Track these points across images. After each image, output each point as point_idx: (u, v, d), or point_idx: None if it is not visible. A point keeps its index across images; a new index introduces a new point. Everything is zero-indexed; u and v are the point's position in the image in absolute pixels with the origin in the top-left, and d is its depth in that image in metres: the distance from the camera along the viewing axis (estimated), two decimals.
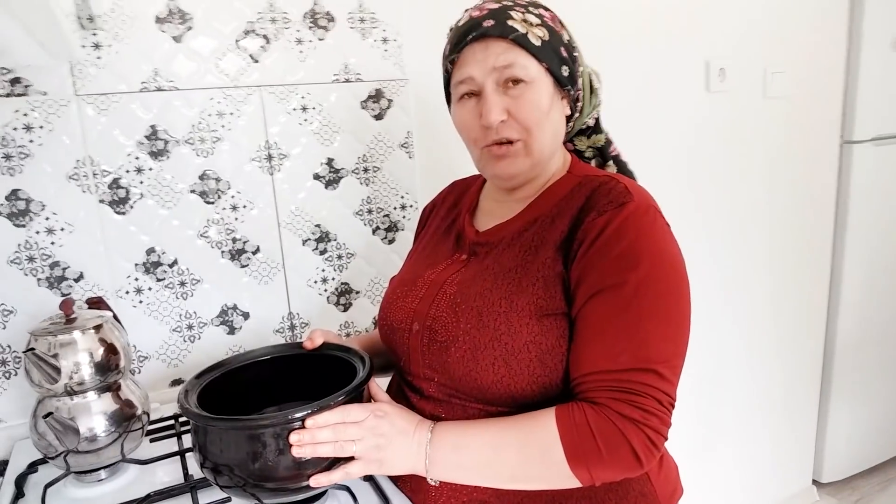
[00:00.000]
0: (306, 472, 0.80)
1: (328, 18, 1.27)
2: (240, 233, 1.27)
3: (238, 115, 1.23)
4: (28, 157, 1.09)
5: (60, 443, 0.91)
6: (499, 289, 0.84)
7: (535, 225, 0.89)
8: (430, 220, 1.13)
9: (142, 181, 1.17)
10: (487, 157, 0.90)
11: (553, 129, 0.90)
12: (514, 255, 0.87)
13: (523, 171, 0.90)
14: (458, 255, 0.96)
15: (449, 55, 0.91)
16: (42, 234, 1.12)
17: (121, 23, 1.12)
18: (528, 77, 0.85)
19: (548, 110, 0.87)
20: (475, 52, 0.86)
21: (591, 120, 0.99)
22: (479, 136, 0.90)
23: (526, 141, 0.87)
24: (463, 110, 0.91)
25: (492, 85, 0.86)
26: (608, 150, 1.02)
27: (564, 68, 0.88)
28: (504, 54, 0.84)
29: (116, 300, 1.19)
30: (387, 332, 0.98)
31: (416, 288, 0.95)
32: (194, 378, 0.89)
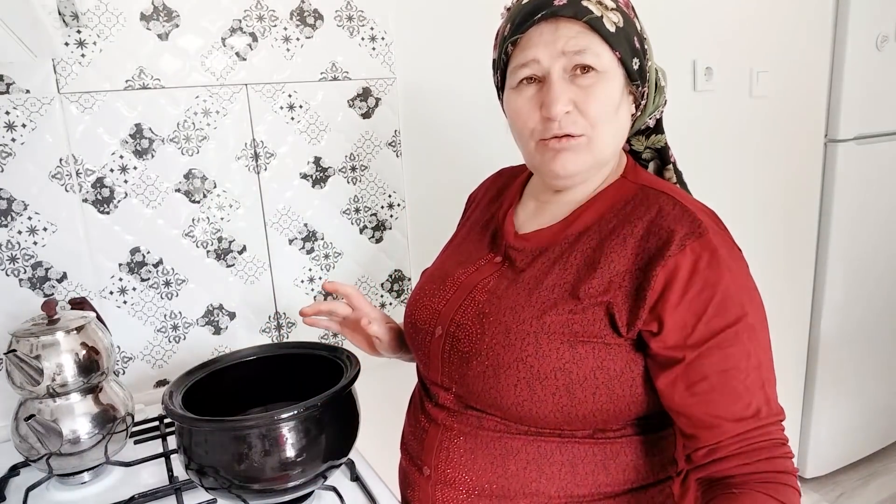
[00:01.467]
0: (291, 473, 0.80)
1: (316, 16, 1.26)
2: (226, 232, 1.26)
3: (224, 114, 1.22)
4: (10, 156, 1.08)
5: (43, 445, 0.90)
6: (532, 306, 0.77)
7: (584, 238, 0.80)
8: (472, 210, 1.06)
9: (126, 180, 1.16)
10: (544, 151, 0.80)
11: (619, 126, 0.81)
12: (556, 271, 0.79)
13: (583, 169, 0.81)
14: (492, 256, 0.89)
15: (511, 35, 0.80)
16: (24, 233, 1.10)
17: (105, 20, 1.11)
18: (601, 66, 0.76)
19: (616, 106, 0.79)
20: (543, 33, 0.77)
21: (652, 120, 0.90)
22: (536, 127, 0.80)
23: (590, 136, 0.78)
24: (520, 98, 0.81)
25: (559, 71, 0.77)
26: (668, 153, 0.92)
27: (636, 60, 0.79)
28: (576, 38, 0.75)
29: (100, 300, 1.17)
30: (410, 330, 0.92)
31: (444, 288, 0.89)
32: (179, 379, 0.89)
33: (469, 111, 1.45)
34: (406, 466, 0.90)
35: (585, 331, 0.74)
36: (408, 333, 0.93)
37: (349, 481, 0.95)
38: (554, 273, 0.79)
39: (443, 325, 0.84)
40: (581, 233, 0.81)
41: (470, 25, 1.42)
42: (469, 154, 1.47)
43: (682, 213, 0.75)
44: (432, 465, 0.84)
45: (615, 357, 0.74)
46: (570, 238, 0.82)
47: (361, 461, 1.00)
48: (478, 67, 1.44)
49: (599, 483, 0.78)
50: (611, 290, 0.74)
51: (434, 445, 0.84)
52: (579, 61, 0.76)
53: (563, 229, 0.83)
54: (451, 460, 0.82)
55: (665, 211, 0.76)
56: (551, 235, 0.83)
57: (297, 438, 0.79)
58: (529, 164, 0.87)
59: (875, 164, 2.21)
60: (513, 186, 0.98)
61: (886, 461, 2.51)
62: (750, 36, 1.89)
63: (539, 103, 0.79)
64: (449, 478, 0.82)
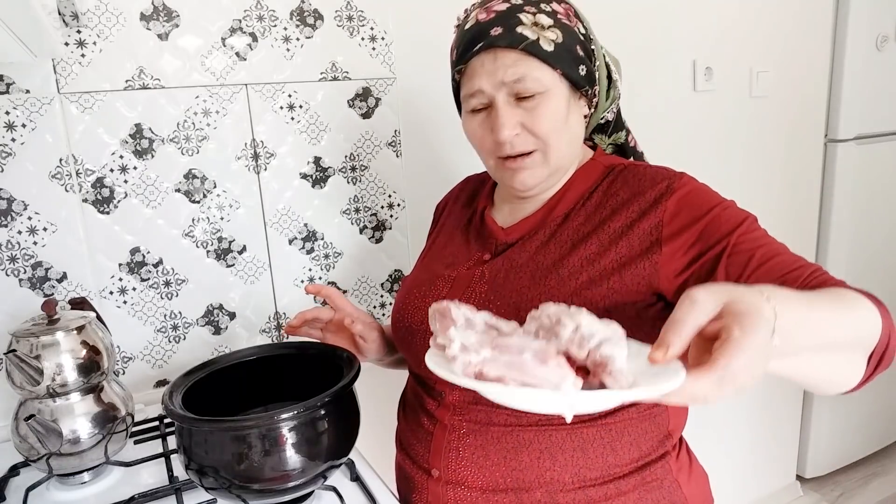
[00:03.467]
0: (291, 473, 0.79)
1: (316, 16, 1.26)
2: (226, 232, 1.26)
3: (224, 114, 1.22)
4: (10, 156, 1.08)
5: (43, 445, 0.90)
6: (537, 285, 0.79)
7: (572, 216, 0.84)
8: (443, 218, 1.07)
9: (126, 180, 1.16)
10: (503, 169, 0.85)
11: (571, 134, 0.85)
12: (553, 251, 0.82)
13: (541, 181, 0.85)
14: (481, 255, 0.90)
15: (456, 63, 0.86)
16: (24, 233, 1.10)
17: (105, 20, 1.11)
18: (542, 87, 0.79)
19: (565, 117, 0.82)
20: (484, 63, 0.80)
21: (611, 114, 0.93)
22: (492, 148, 0.85)
23: (543, 151, 0.82)
24: (473, 122, 0.86)
25: (503, 97, 0.80)
26: (628, 146, 0.97)
27: (581, 68, 0.82)
28: (514, 66, 0.78)
29: (100, 300, 1.17)
30: (403, 334, 0.92)
31: (435, 287, 0.90)
32: (179, 379, 0.89)
33: None
34: (408, 469, 0.90)
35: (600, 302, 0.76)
36: (401, 339, 0.93)
37: (349, 481, 0.95)
38: (550, 251, 0.82)
39: None
40: (567, 213, 0.85)
41: None
42: (469, 154, 1.47)
43: (655, 172, 0.82)
44: (441, 467, 0.84)
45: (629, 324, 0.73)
46: (558, 219, 0.85)
47: (361, 461, 0.99)
48: None
49: (609, 464, 0.81)
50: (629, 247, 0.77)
51: (442, 447, 0.84)
52: (519, 89, 0.79)
53: (548, 213, 0.87)
54: (462, 459, 0.82)
55: (641, 173, 0.82)
56: (537, 220, 0.87)
57: (297, 438, 0.79)
58: (493, 178, 0.91)
59: (875, 164, 2.21)
60: (482, 192, 1.01)
61: (886, 461, 2.51)
62: (750, 36, 1.89)
63: (490, 127, 0.83)
64: (461, 477, 0.83)
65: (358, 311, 1.02)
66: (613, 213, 0.81)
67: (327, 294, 1.00)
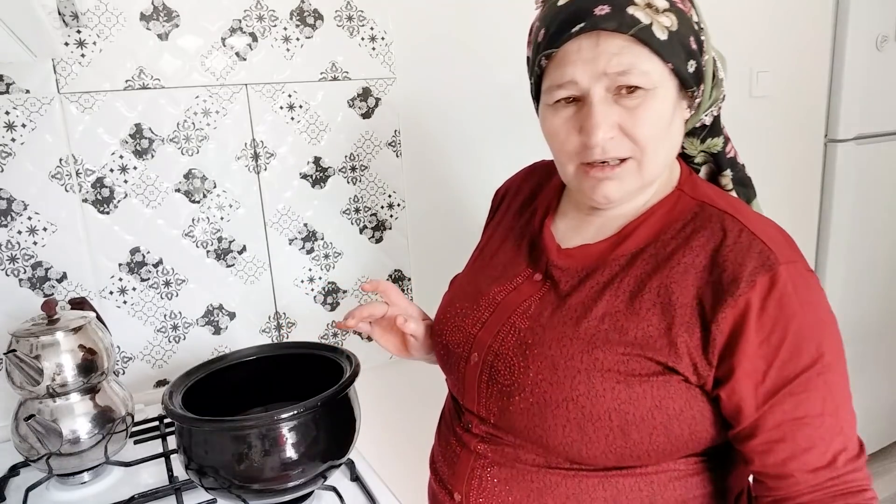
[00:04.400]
0: (291, 473, 0.79)
1: (315, 16, 1.26)
2: (226, 232, 1.26)
3: (224, 114, 1.22)
4: (10, 156, 1.08)
5: (43, 445, 0.90)
6: (580, 338, 0.69)
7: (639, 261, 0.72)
8: (502, 212, 0.95)
9: (126, 180, 1.16)
10: (584, 177, 0.72)
11: (671, 143, 0.72)
12: (607, 298, 0.71)
13: (629, 193, 0.72)
14: (531, 273, 0.80)
15: (545, 48, 0.70)
16: (24, 233, 1.10)
17: (105, 20, 1.11)
18: (649, 84, 0.67)
19: (668, 122, 0.70)
20: (581, 50, 0.67)
21: (709, 118, 0.78)
22: (575, 151, 0.71)
23: (639, 160, 0.69)
24: (557, 118, 0.72)
25: (601, 92, 0.67)
26: (724, 155, 0.82)
27: (691, 63, 0.69)
28: (620, 55, 0.65)
29: (100, 300, 1.17)
30: (440, 350, 0.85)
31: (478, 307, 0.81)
32: (179, 379, 0.89)
33: (469, 111, 1.45)
34: (436, 488, 0.86)
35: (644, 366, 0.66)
36: (438, 354, 0.87)
37: (349, 481, 0.95)
38: (604, 300, 0.71)
39: (479, 351, 0.77)
40: (634, 254, 0.72)
41: (469, 25, 1.42)
42: (469, 154, 1.47)
43: (750, 242, 0.67)
44: (463, 492, 0.78)
45: (675, 395, 0.66)
46: (622, 260, 0.73)
47: (361, 461, 0.99)
48: (477, 67, 1.44)
49: None
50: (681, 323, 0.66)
51: (466, 472, 0.79)
52: (624, 82, 0.66)
53: (613, 248, 0.74)
54: (484, 489, 0.76)
55: (731, 239, 0.68)
56: (599, 254, 0.75)
57: (297, 438, 0.79)
58: (570, 185, 0.77)
59: (875, 164, 2.21)
60: (548, 188, 0.89)
61: (886, 461, 2.51)
62: (750, 36, 1.89)
63: (578, 126, 0.70)
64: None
65: (411, 307, 0.95)
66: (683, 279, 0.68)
67: (383, 290, 0.92)
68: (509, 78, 1.46)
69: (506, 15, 1.44)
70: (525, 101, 1.49)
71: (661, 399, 0.66)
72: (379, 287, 0.92)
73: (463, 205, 1.49)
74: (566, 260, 0.77)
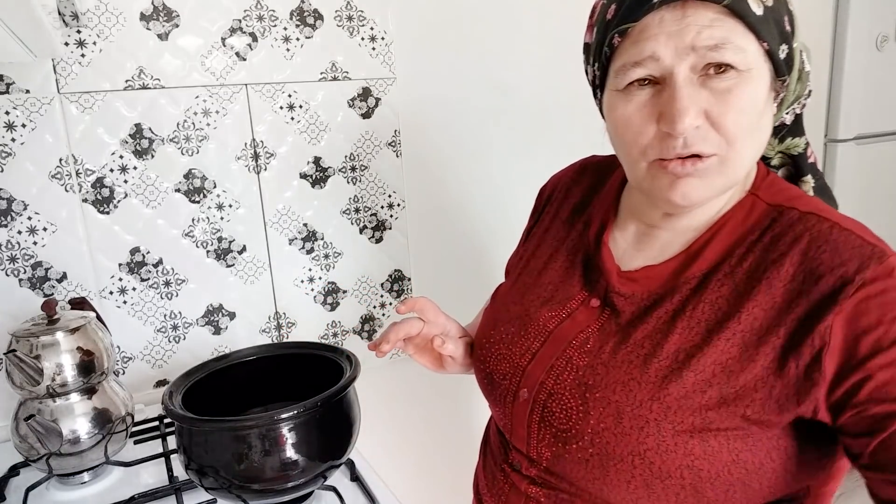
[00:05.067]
0: (291, 474, 0.79)
1: (315, 16, 1.26)
2: (226, 232, 1.26)
3: (224, 114, 1.22)
4: (10, 156, 1.08)
5: (43, 445, 0.90)
6: (649, 382, 0.60)
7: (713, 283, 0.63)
8: (547, 213, 0.86)
9: (126, 180, 1.16)
10: (659, 174, 0.62)
11: (762, 137, 0.63)
12: (679, 331, 0.61)
13: (710, 196, 0.63)
14: (587, 297, 0.71)
15: (619, 22, 0.60)
16: (24, 233, 1.10)
17: (105, 20, 1.10)
18: (744, 64, 0.57)
19: (760, 113, 0.60)
20: (665, 22, 0.58)
21: (790, 115, 0.70)
22: (651, 144, 0.61)
23: (724, 156, 0.60)
24: (630, 105, 0.62)
25: (685, 72, 0.58)
26: (805, 159, 0.72)
27: (783, 48, 0.60)
28: (711, 27, 0.56)
29: (100, 300, 1.17)
30: (483, 379, 0.77)
31: (526, 335, 0.72)
32: (179, 379, 0.89)
33: (469, 111, 1.45)
34: None
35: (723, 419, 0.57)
36: (481, 382, 0.78)
37: (349, 481, 0.95)
38: (676, 334, 0.61)
39: (529, 388, 0.69)
40: (707, 273, 0.63)
41: (470, 25, 1.42)
42: (469, 153, 1.47)
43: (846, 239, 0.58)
44: None
45: (755, 447, 0.58)
46: (693, 282, 0.64)
47: (361, 461, 0.99)
48: (477, 67, 1.44)
49: None
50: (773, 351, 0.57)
51: None
52: (715, 59, 0.57)
53: (682, 268, 0.65)
54: None
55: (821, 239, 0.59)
56: (666, 276, 0.66)
57: (297, 438, 0.79)
58: (636, 184, 0.67)
59: (875, 164, 2.21)
60: (603, 194, 0.79)
61: None
62: None
63: (657, 113, 0.60)
64: None
65: (449, 323, 0.85)
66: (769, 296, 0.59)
67: (420, 309, 0.82)
68: (509, 78, 1.46)
69: (505, 15, 1.44)
70: (526, 100, 1.49)
71: (738, 452, 0.57)
72: (416, 306, 0.82)
73: (463, 205, 1.49)
74: (629, 285, 0.67)
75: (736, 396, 0.57)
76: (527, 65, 1.48)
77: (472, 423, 1.59)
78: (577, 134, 1.52)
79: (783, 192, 0.66)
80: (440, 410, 1.54)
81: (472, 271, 1.50)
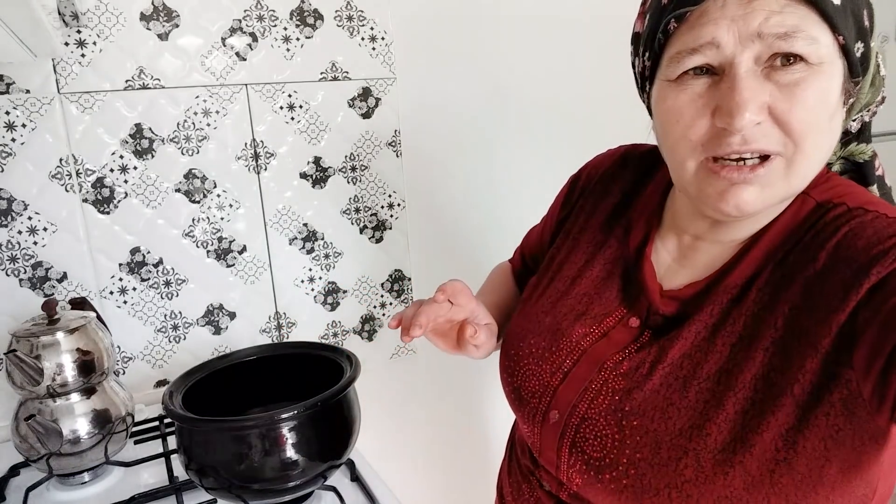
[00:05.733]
0: (291, 473, 0.79)
1: (315, 16, 1.26)
2: (226, 232, 1.26)
3: (224, 114, 1.22)
4: (10, 156, 1.08)
5: (43, 445, 0.90)
6: (689, 408, 0.55)
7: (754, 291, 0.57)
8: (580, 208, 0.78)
9: (126, 180, 1.16)
10: (710, 178, 0.56)
11: (831, 141, 0.56)
12: (720, 350, 0.57)
13: (767, 206, 0.56)
14: (626, 316, 0.66)
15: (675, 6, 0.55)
16: (24, 233, 1.10)
17: (105, 20, 1.11)
18: (816, 57, 0.51)
19: (833, 112, 0.54)
20: (728, 5, 0.52)
21: (857, 122, 0.64)
22: (704, 140, 0.55)
23: (789, 159, 0.54)
24: (682, 95, 0.56)
25: (748, 62, 0.52)
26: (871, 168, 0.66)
27: (859, 45, 0.54)
28: (783, 14, 0.50)
29: (100, 300, 1.17)
30: (510, 393, 0.72)
31: (557, 351, 0.67)
32: (179, 379, 0.89)
33: (469, 110, 1.45)
34: None
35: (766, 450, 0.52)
36: (508, 395, 0.73)
37: (349, 481, 0.95)
38: (716, 352, 0.56)
39: (561, 410, 0.64)
40: (748, 281, 0.58)
41: (470, 25, 1.42)
42: (469, 153, 1.47)
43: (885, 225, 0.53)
44: None
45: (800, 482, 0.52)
46: (733, 290, 0.58)
47: (362, 461, 0.99)
48: (477, 67, 1.44)
49: None
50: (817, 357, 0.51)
51: None
52: (783, 49, 0.51)
53: (722, 276, 0.60)
54: None
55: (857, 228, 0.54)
56: (710, 292, 0.60)
57: (297, 438, 0.79)
58: (681, 188, 0.62)
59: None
60: (646, 194, 0.72)
61: None
62: None
63: (712, 107, 0.54)
64: None
65: (478, 308, 0.75)
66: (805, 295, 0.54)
67: (452, 293, 0.70)
68: (509, 78, 1.46)
69: (506, 15, 1.44)
70: (526, 101, 1.49)
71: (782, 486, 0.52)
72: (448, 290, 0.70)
73: (463, 204, 1.49)
74: (672, 305, 0.63)
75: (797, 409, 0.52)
76: (527, 64, 1.48)
77: (474, 425, 1.59)
78: (578, 133, 1.52)
79: (836, 187, 0.60)
80: (441, 411, 1.54)
81: (473, 271, 1.50)
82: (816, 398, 0.51)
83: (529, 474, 0.72)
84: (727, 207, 0.55)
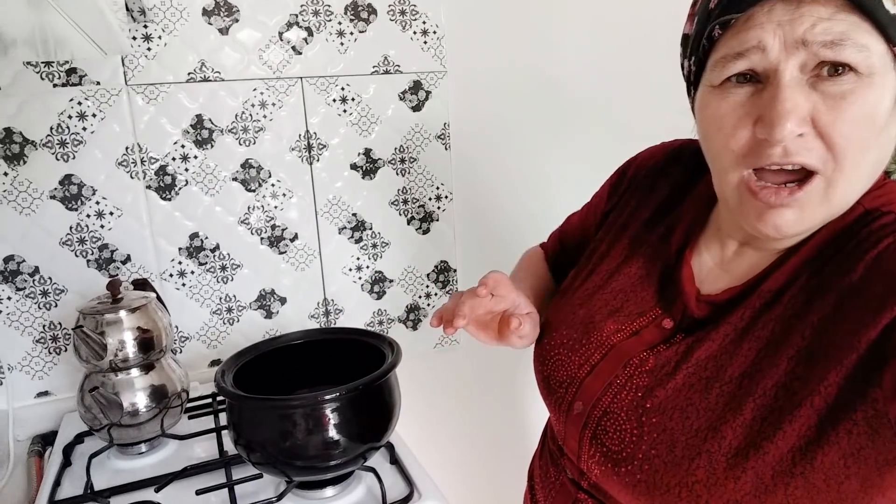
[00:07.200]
0: (332, 453, 0.82)
1: (369, 11, 1.29)
2: (279, 220, 1.30)
3: (280, 106, 1.26)
4: (81, 144, 1.14)
5: (105, 416, 0.96)
6: (709, 410, 0.55)
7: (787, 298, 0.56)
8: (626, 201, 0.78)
9: (187, 168, 1.22)
10: (748, 198, 0.55)
11: (881, 156, 0.53)
12: (745, 354, 0.56)
13: (807, 229, 0.55)
14: (660, 317, 0.65)
15: (721, 12, 0.53)
16: (92, 217, 1.17)
17: (170, 15, 1.16)
18: (866, 67, 0.49)
19: (882, 127, 0.51)
20: (775, 11, 0.50)
21: None
22: (745, 151, 0.54)
23: (829, 177, 0.51)
24: (724, 103, 0.54)
25: (793, 71, 0.50)
26: None
27: None
28: (832, 21, 0.48)
29: (161, 282, 1.23)
30: (541, 381, 0.73)
31: (587, 344, 0.68)
32: (231, 359, 0.93)
33: (519, 105, 1.45)
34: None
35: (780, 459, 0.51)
36: (539, 383, 0.75)
37: (388, 464, 0.98)
38: (741, 354, 0.56)
39: (584, 402, 0.65)
40: (784, 286, 0.56)
41: (521, 19, 1.42)
42: (517, 148, 1.47)
43: None
44: None
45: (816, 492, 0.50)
46: (767, 295, 0.57)
47: (401, 445, 1.02)
48: (528, 62, 1.44)
49: None
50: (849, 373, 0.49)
51: None
52: (830, 57, 0.49)
53: (759, 282, 0.59)
54: None
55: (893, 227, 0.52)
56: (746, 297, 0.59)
57: (339, 419, 0.82)
58: (722, 198, 0.60)
59: None
60: (695, 194, 0.71)
61: None
62: None
63: (754, 116, 0.52)
64: None
65: (520, 299, 0.73)
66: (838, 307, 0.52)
67: (494, 285, 0.70)
68: (559, 72, 1.46)
69: (558, 8, 1.43)
70: (575, 95, 1.48)
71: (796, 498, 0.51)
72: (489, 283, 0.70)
73: (510, 198, 1.49)
74: (706, 309, 0.61)
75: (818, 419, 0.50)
76: (580, 59, 1.47)
77: (513, 416, 1.60)
78: (632, 130, 1.50)
79: (890, 194, 0.56)
80: (482, 401, 1.55)
81: None
82: (838, 413, 0.49)
83: (557, 460, 0.74)
84: (766, 229, 0.54)
